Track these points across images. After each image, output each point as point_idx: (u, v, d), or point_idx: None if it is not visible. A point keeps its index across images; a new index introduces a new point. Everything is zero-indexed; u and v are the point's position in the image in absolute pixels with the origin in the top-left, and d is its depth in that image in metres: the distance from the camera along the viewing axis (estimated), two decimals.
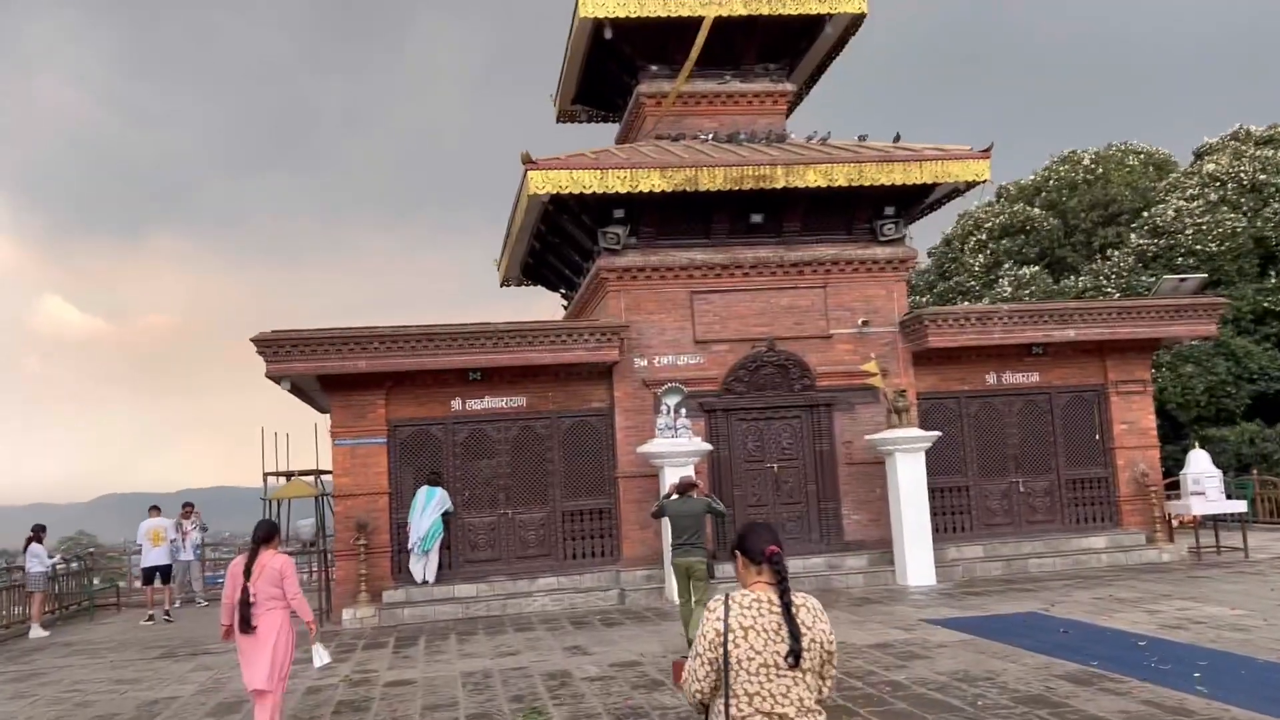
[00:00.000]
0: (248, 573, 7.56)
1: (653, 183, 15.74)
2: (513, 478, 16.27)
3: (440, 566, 15.59)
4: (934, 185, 17.04)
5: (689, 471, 15.07)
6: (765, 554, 3.65)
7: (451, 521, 15.84)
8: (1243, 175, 26.15)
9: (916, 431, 15.83)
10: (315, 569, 18.04)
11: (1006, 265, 28.75)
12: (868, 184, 16.38)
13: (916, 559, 15.54)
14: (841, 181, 16.26)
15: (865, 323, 17.14)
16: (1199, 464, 17.20)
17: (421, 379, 16.00)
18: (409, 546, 15.41)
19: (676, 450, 15.08)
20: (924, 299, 31.31)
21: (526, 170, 15.54)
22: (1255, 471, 22.17)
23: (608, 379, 16.55)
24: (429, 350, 15.25)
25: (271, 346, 14.88)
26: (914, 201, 17.52)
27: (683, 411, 15.55)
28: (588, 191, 15.67)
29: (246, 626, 7.46)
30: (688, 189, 15.89)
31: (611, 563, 16.22)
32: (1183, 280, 17.73)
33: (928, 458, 16.55)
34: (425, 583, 15.29)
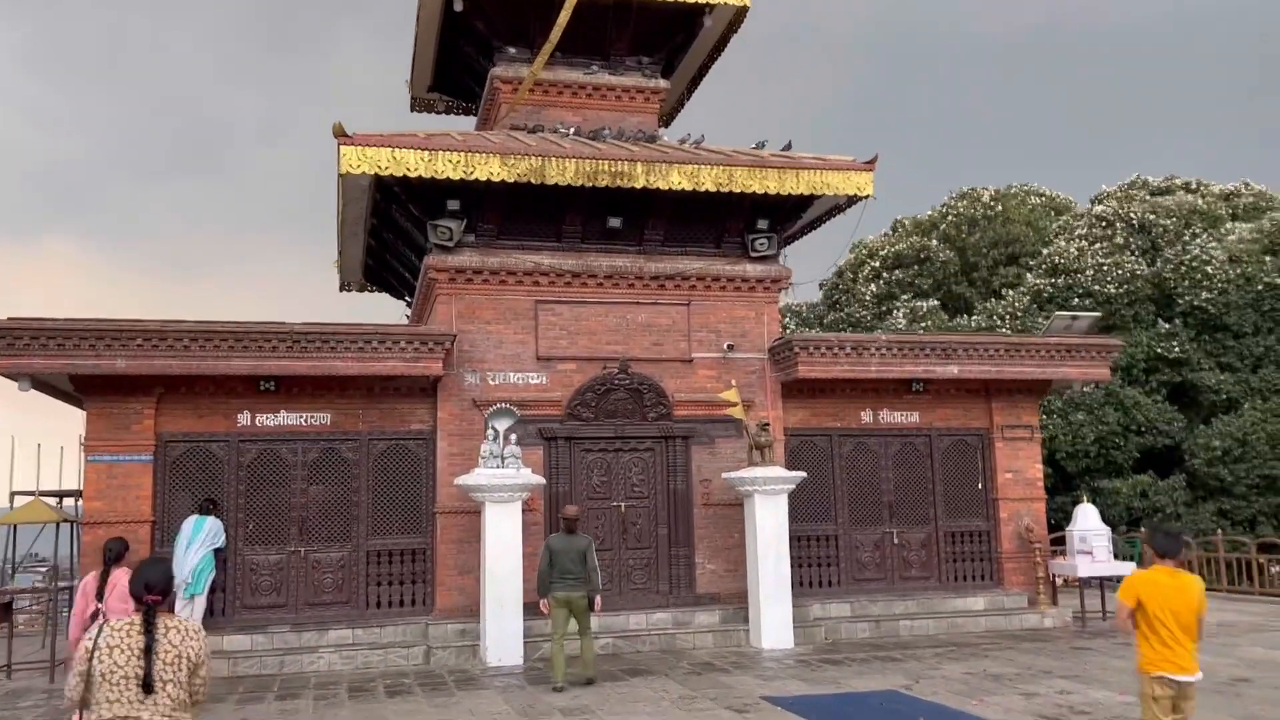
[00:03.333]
0: (100, 593, 8.01)
1: (491, 170, 13.58)
2: (309, 509, 13.76)
3: (211, 612, 12.95)
4: (812, 198, 15.28)
5: (514, 508, 12.91)
6: (138, 598, 4.66)
7: (227, 559, 13.26)
8: (1132, 216, 25.35)
9: (779, 471, 13.90)
10: (49, 611, 15.01)
11: (904, 297, 27.40)
12: (738, 190, 14.49)
13: (773, 618, 13.54)
14: (709, 185, 14.35)
15: (731, 347, 15.22)
16: (1087, 520, 15.69)
17: (202, 386, 13.44)
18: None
19: (501, 483, 12.83)
20: (813, 332, 29.81)
21: (340, 145, 13.21)
22: (1144, 529, 20.96)
23: (432, 397, 14.23)
24: (207, 352, 12.71)
25: (6, 338, 12.17)
26: (790, 215, 15.74)
27: (513, 438, 13.31)
28: (413, 175, 13.41)
29: None
30: (533, 181, 13.78)
31: (423, 613, 13.81)
32: (1075, 318, 16.33)
33: (794, 501, 14.66)
34: None
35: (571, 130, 15.73)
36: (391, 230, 16.28)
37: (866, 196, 15.16)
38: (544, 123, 16.08)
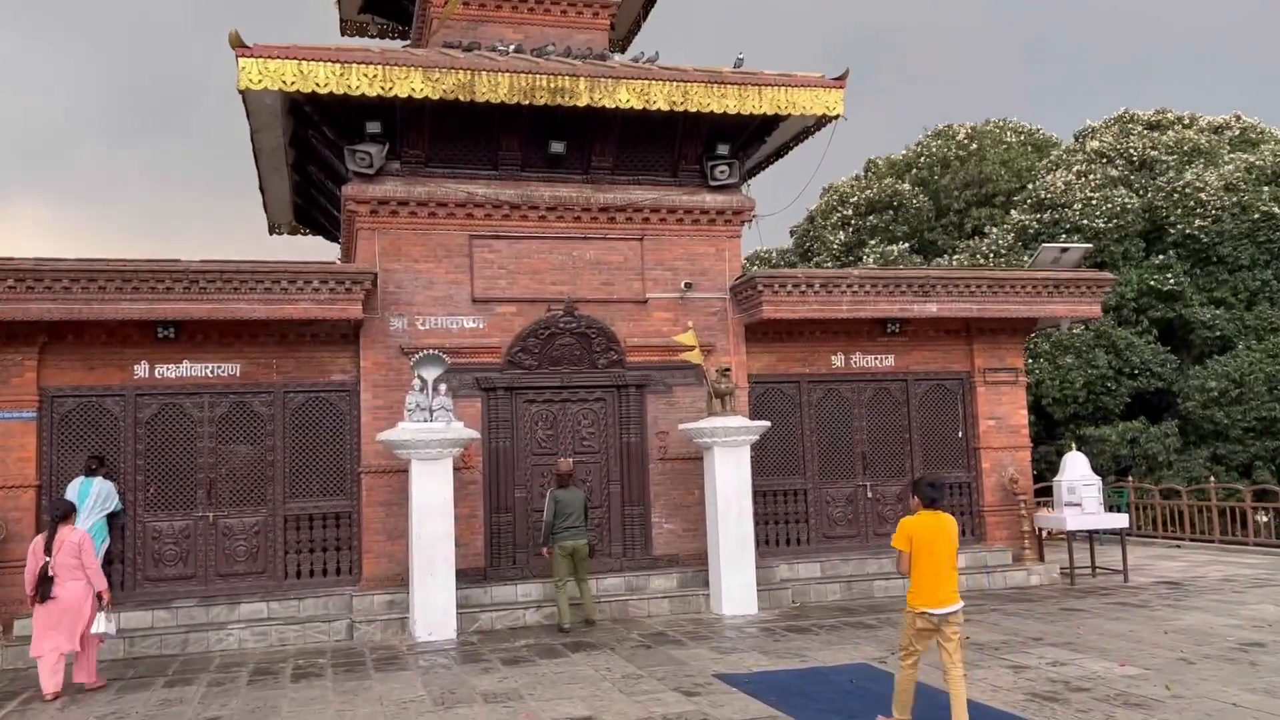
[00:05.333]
0: (49, 549, 8.99)
1: (413, 85, 12.02)
2: (217, 470, 12.34)
3: (110, 586, 11.53)
4: (777, 119, 13.81)
5: (445, 465, 11.56)
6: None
7: (125, 526, 11.87)
8: (1132, 151, 23.96)
9: (740, 420, 12.59)
10: None
11: (873, 243, 25.96)
12: (694, 110, 13.00)
13: (734, 581, 12.31)
14: (661, 104, 12.85)
15: (689, 286, 13.82)
16: (1076, 469, 14.48)
17: (92, 335, 11.95)
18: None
19: (429, 438, 11.44)
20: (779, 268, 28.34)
21: (238, 57, 11.60)
22: (1131, 478, 19.89)
23: (354, 344, 12.79)
24: (91, 294, 11.18)
25: None
26: (753, 139, 14.26)
27: (443, 388, 11.91)
28: (323, 91, 11.83)
29: (46, 597, 8.89)
30: (462, 98, 12.22)
31: (349, 584, 12.48)
32: (1064, 250, 15.00)
33: (759, 454, 13.45)
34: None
35: (511, 48, 14.11)
36: (314, 161, 14.69)
37: (836, 117, 13.70)
38: (480, 40, 14.45)
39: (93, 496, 11.25)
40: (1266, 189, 22.20)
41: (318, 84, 11.77)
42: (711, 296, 13.96)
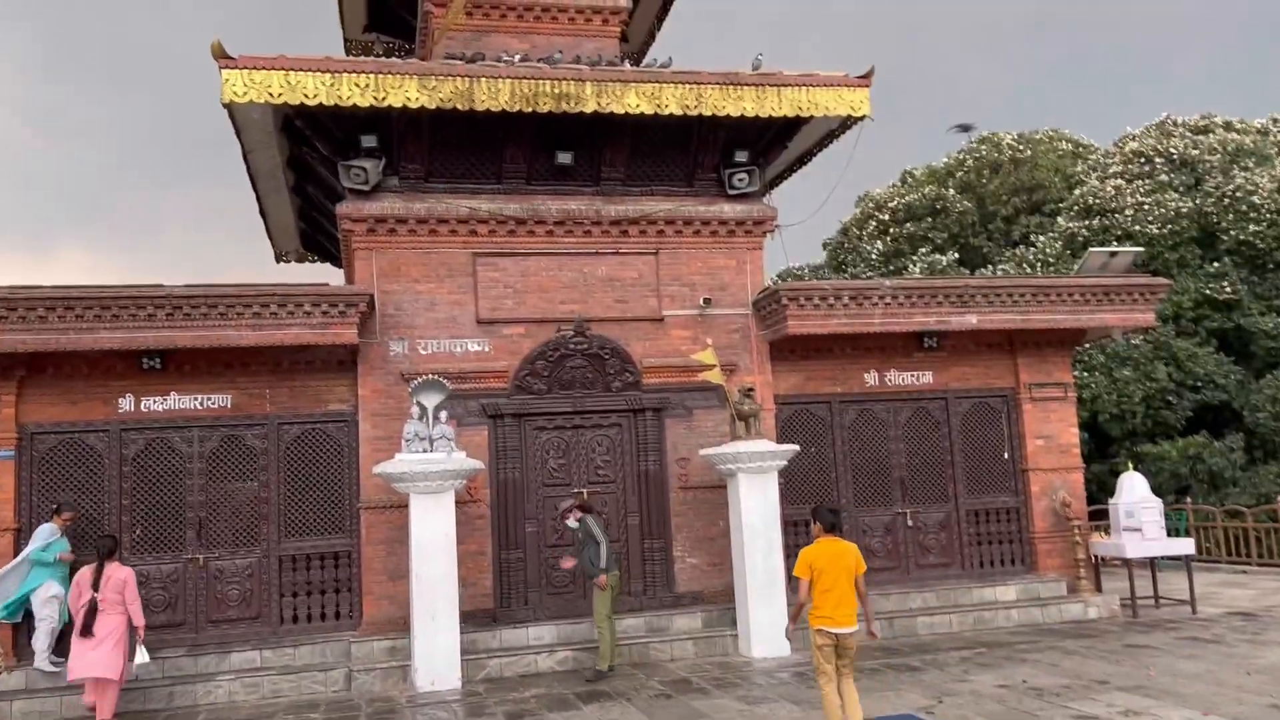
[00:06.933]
0: (96, 584, 9.20)
1: (408, 94, 11.29)
2: (208, 508, 11.57)
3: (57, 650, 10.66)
4: (798, 122, 12.94)
5: (446, 499, 10.71)
6: None
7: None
8: (1172, 151, 22.79)
9: (766, 444, 11.63)
10: None
11: (922, 250, 24.86)
12: (709, 114, 12.18)
13: (764, 620, 11.31)
14: (673, 108, 12.04)
15: (708, 301, 12.93)
16: (1134, 491, 13.34)
17: (74, 367, 11.27)
18: (32, 612, 10.57)
19: (427, 469, 10.60)
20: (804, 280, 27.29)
21: (221, 69, 10.95)
22: (1190, 499, 18.59)
23: (352, 371, 12.02)
24: (68, 323, 10.50)
25: None
26: (773, 144, 13.38)
27: (444, 416, 11.08)
28: (312, 102, 11.14)
29: (88, 631, 9.08)
30: (460, 107, 11.49)
31: (349, 628, 11.63)
32: (1113, 254, 13.94)
33: (788, 481, 12.50)
34: (50, 666, 10.41)
35: (517, 58, 13.35)
36: (313, 182, 14.03)
37: (863, 118, 12.82)
38: (485, 51, 13.69)
39: (36, 541, 10.48)
40: None
41: (306, 95, 11.08)
42: (733, 313, 13.06)
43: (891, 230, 26.46)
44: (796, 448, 12.06)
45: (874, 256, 26.01)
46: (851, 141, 13.67)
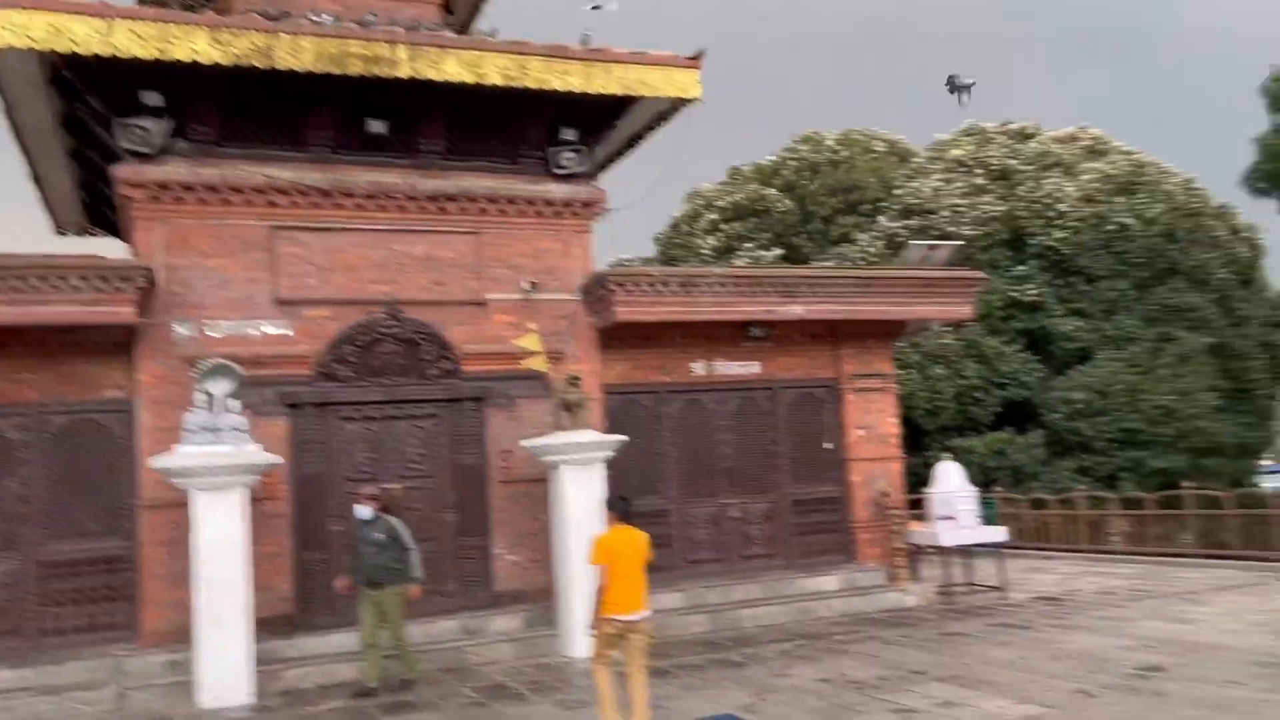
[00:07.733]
0: None
1: (197, 48, 10.17)
2: None
3: None
4: (628, 101, 12.50)
5: (235, 497, 9.68)
6: None
7: None
8: (991, 161, 23.84)
9: (591, 434, 11.15)
10: None
11: (748, 246, 25.11)
12: (534, 87, 11.57)
13: (586, 619, 10.76)
14: (495, 79, 11.37)
15: (533, 285, 12.33)
16: (949, 480, 13.64)
17: None
18: None
19: (212, 464, 9.55)
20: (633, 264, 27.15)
21: None
22: (1001, 488, 19.36)
23: (130, 354, 10.76)
24: None
25: None
26: (603, 124, 12.91)
27: (236, 405, 10.03)
28: (84, 53, 9.86)
29: None
30: (259, 65, 10.44)
31: (126, 638, 10.41)
32: (933, 248, 14.21)
33: (615, 472, 11.94)
34: None
35: (327, 19, 12.37)
36: (92, 145, 12.55)
37: (692, 99, 12.51)
38: (293, 10, 12.61)
39: None
40: (1119, 199, 22.34)
41: (75, 42, 9.79)
42: (560, 298, 12.51)
43: (722, 227, 26.67)
44: (623, 438, 11.61)
45: (706, 251, 26.12)
46: (682, 126, 13.36)
